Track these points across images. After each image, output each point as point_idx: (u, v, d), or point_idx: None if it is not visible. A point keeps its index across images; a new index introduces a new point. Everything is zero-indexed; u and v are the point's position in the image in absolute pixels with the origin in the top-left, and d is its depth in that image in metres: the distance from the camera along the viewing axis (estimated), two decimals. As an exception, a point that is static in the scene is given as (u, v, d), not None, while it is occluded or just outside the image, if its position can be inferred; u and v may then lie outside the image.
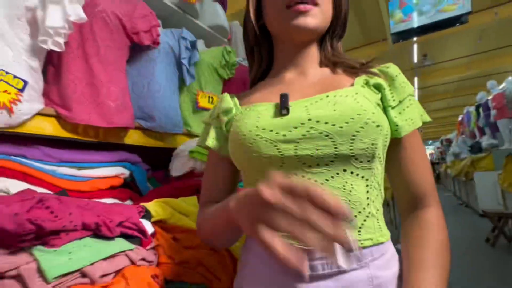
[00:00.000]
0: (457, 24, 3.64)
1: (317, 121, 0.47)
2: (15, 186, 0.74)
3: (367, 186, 0.48)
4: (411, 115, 0.51)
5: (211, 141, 0.60)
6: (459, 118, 8.26)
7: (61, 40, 0.78)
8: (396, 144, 0.52)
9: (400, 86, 0.52)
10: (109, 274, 0.39)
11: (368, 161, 0.48)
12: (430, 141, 26.76)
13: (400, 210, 0.53)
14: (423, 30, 3.75)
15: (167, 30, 1.22)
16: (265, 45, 0.63)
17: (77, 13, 0.78)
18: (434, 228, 0.47)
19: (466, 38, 6.85)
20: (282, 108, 0.49)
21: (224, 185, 0.61)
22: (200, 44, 1.45)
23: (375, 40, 6.59)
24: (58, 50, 0.78)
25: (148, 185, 1.12)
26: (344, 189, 0.46)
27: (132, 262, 0.44)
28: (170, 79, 1.19)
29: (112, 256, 0.41)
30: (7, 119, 0.72)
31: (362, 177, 0.48)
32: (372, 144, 0.46)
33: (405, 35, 3.87)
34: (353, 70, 0.54)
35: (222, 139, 0.60)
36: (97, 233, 0.43)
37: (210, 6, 1.53)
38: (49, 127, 0.84)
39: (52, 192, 0.78)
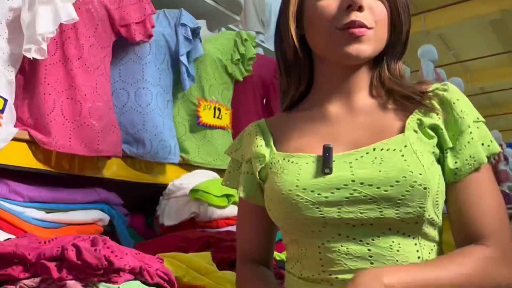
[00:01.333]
0: None
1: (361, 183, 0.77)
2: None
3: (416, 245, 0.78)
4: (472, 152, 0.81)
5: (242, 191, 0.97)
6: None
7: (45, 47, 1.19)
8: (455, 187, 0.82)
9: (459, 116, 0.82)
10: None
11: (416, 222, 0.77)
12: None
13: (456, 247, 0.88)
14: None
15: (159, 12, 1.64)
16: (306, 63, 1.01)
17: (69, 13, 1.20)
18: (473, 257, 0.76)
19: None
20: (325, 166, 0.82)
21: (260, 238, 0.99)
22: (202, 27, 1.87)
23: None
24: (40, 58, 1.20)
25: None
26: (391, 248, 0.76)
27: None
28: (163, 84, 1.60)
29: (157, 299, 0.79)
30: (-16, 147, 1.13)
31: (411, 236, 0.77)
32: (420, 207, 0.75)
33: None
34: (407, 104, 0.89)
35: (255, 187, 0.95)
36: (138, 277, 0.81)
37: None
38: (20, 156, 1.24)
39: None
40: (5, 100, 1.16)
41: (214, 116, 1.75)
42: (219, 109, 1.78)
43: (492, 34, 8.94)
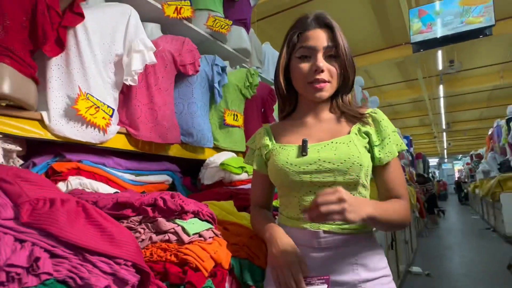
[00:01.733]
0: (480, 36, 4.08)
1: (324, 161, 0.84)
2: (100, 187, 1.17)
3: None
4: (390, 149, 0.88)
5: (256, 165, 1.03)
6: (489, 132, 8.66)
7: (137, 78, 1.21)
8: (381, 168, 0.91)
9: (383, 129, 0.89)
10: (210, 237, 0.81)
11: (355, 185, 0.85)
12: (460, 156, 27.12)
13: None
14: (444, 41, 4.20)
15: (202, 56, 1.65)
16: (293, 95, 1.05)
17: (151, 58, 1.22)
18: (400, 204, 0.85)
19: (499, 44, 7.32)
20: (303, 151, 0.89)
21: (265, 193, 1.06)
22: (227, 65, 1.88)
23: (398, 43, 7.06)
24: (133, 84, 1.22)
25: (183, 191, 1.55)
26: None
27: (215, 234, 0.86)
28: (204, 100, 1.62)
29: (207, 229, 0.83)
30: (101, 138, 1.15)
31: (351, 192, 0.85)
32: (357, 176, 0.84)
33: (426, 45, 4.32)
34: (352, 119, 0.95)
35: (262, 163, 1.01)
36: (196, 216, 0.85)
37: (236, 31, 1.98)
38: (120, 143, 1.27)
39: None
40: (113, 109, 1.18)
41: (233, 120, 1.78)
42: (236, 115, 1.80)
43: (396, 70, 8.96)
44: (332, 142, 0.89)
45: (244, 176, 1.54)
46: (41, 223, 0.48)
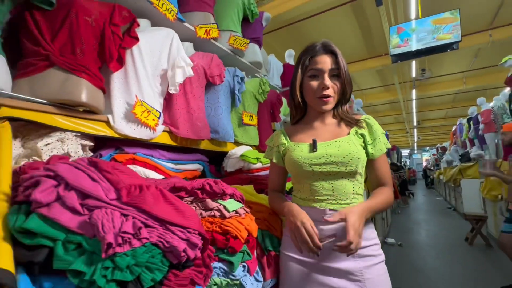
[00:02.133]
0: (449, 50, 4.09)
1: (330, 156, 0.93)
2: (150, 173, 1.24)
3: (352, 184, 0.97)
4: (380, 147, 0.98)
5: (275, 159, 1.10)
6: (453, 129, 8.69)
7: (178, 87, 1.27)
8: (372, 162, 1.00)
9: (374, 131, 0.99)
10: (243, 214, 0.89)
11: (354, 174, 0.94)
12: (428, 148, 27.16)
13: (370, 189, 1.03)
14: (418, 53, 4.21)
15: (225, 69, 1.70)
16: (304, 106, 1.11)
17: (190, 72, 1.27)
18: (386, 192, 0.96)
19: (463, 55, 7.29)
20: (314, 148, 0.97)
21: (280, 180, 1.13)
22: (244, 75, 1.93)
23: (379, 54, 7.04)
24: (175, 93, 1.28)
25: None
26: (341, 185, 0.95)
27: (246, 211, 0.94)
28: (227, 104, 1.68)
29: (241, 207, 0.91)
30: (151, 135, 1.22)
31: (350, 180, 0.95)
32: (356, 167, 0.93)
33: (403, 57, 4.33)
34: (350, 124, 1.02)
35: (280, 158, 1.09)
36: (232, 198, 0.92)
37: (251, 47, 2.02)
38: (164, 139, 1.34)
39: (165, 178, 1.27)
40: (160, 113, 1.24)
41: (249, 120, 1.83)
42: (252, 116, 1.86)
43: (377, 76, 8.94)
44: (336, 141, 0.95)
45: (259, 165, 1.61)
46: (137, 202, 0.55)
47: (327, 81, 0.96)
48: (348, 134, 0.98)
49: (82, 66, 0.96)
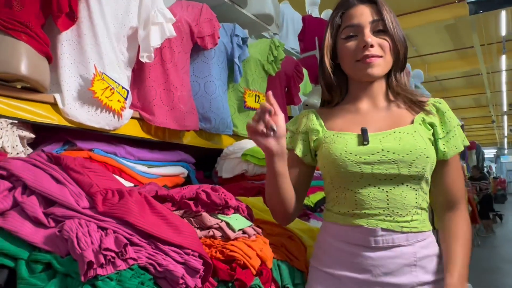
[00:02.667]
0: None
1: (388, 151, 0.97)
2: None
3: (416, 194, 1.04)
4: (455, 143, 1.02)
5: (299, 151, 1.16)
6: None
7: (152, 54, 1.35)
8: (442, 164, 1.04)
9: (448, 120, 1.03)
10: (254, 234, 0.97)
11: (419, 178, 0.98)
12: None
13: (437, 210, 1.10)
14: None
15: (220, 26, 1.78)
16: (342, 79, 1.18)
17: (171, 31, 1.36)
18: (464, 226, 1.04)
19: None
20: (364, 139, 1.01)
21: (301, 184, 1.17)
22: (247, 35, 2.01)
23: (449, 1, 7.09)
24: (149, 61, 1.36)
25: (197, 186, 1.71)
26: (401, 195, 0.99)
27: (256, 232, 1.02)
28: (222, 78, 1.76)
29: (249, 226, 0.99)
30: (116, 123, 1.30)
31: (414, 188, 1.01)
32: (423, 169, 0.97)
33: (487, 5, 4.38)
34: (413, 106, 1.07)
35: (307, 150, 1.14)
36: (236, 212, 1.00)
37: (257, -8, 2.10)
38: (132, 129, 1.42)
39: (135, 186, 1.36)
40: (128, 91, 1.33)
41: (255, 101, 1.92)
42: (258, 96, 1.94)
43: (446, 35, 8.98)
44: (394, 132, 1.03)
45: (270, 169, 1.69)
46: (117, 213, 0.63)
47: (369, 36, 1.02)
48: (412, 122, 1.04)
49: (20, 24, 1.03)
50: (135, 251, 0.61)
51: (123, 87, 1.30)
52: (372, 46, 1.02)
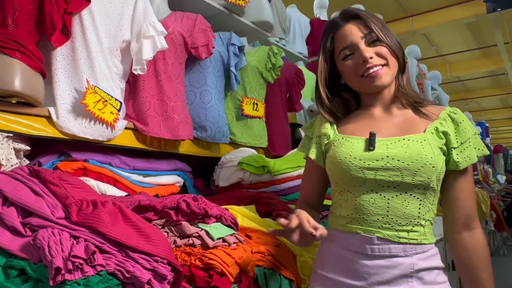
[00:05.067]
0: None
1: (392, 158, 0.98)
2: (107, 189, 1.41)
3: (420, 204, 1.05)
4: (469, 154, 1.01)
5: (312, 154, 1.16)
6: None
7: (145, 66, 1.44)
8: (454, 174, 1.03)
9: (463, 131, 1.02)
10: (234, 243, 1.04)
11: (424, 188, 0.98)
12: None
13: (449, 227, 1.10)
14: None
15: (216, 34, 1.86)
16: (353, 93, 1.16)
17: (162, 43, 1.44)
18: (482, 250, 1.03)
19: None
20: (370, 145, 1.03)
21: (317, 189, 1.20)
22: (243, 41, 2.08)
23: (468, -2, 7.04)
24: (142, 74, 1.44)
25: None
26: (402, 204, 0.99)
27: (239, 240, 1.08)
28: (218, 87, 1.84)
29: (231, 234, 1.05)
30: (109, 134, 1.39)
31: (417, 198, 0.99)
32: (428, 179, 0.97)
33: (504, 3, 4.34)
34: (428, 116, 1.08)
35: (319, 153, 1.15)
36: (219, 221, 1.07)
37: (254, 0, 2.16)
38: (127, 139, 1.50)
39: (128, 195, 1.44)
40: (121, 103, 1.41)
41: (253, 109, 1.98)
42: (256, 104, 2.00)
43: (467, 33, 8.87)
44: (404, 139, 1.05)
45: (266, 177, 1.75)
46: (90, 222, 0.70)
47: (366, 51, 1.05)
48: (424, 131, 1.05)
49: (15, 43, 1.13)
50: (104, 258, 0.68)
51: (116, 99, 1.39)
52: (371, 58, 1.05)
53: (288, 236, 0.94)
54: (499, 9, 4.50)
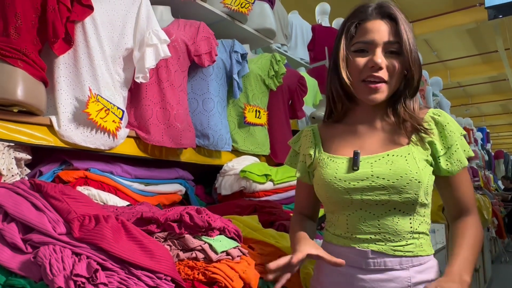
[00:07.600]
0: None
1: (377, 177, 0.97)
2: (109, 198, 1.39)
3: (410, 220, 1.04)
4: (459, 157, 1.01)
5: (298, 173, 1.18)
6: None
7: (148, 74, 1.42)
8: (449, 179, 1.03)
9: (449, 134, 1.01)
10: (238, 256, 1.02)
11: (413, 204, 0.98)
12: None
13: (449, 217, 1.12)
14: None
15: (218, 42, 1.85)
16: (348, 97, 1.11)
17: (165, 51, 1.43)
18: (472, 228, 1.02)
19: None
20: (354, 165, 1.01)
21: (309, 202, 1.22)
22: (246, 48, 2.07)
23: (470, 5, 7.04)
24: (144, 82, 1.43)
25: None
26: (393, 221, 0.99)
27: (242, 253, 1.07)
28: (221, 94, 1.83)
29: (234, 247, 1.04)
30: (111, 143, 1.37)
31: (407, 213, 0.99)
32: (415, 194, 0.96)
33: (506, 9, 4.34)
34: (413, 127, 1.04)
35: (305, 172, 1.16)
36: (222, 233, 1.05)
37: (257, 7, 2.16)
38: (129, 148, 1.49)
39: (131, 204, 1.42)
40: (123, 111, 1.40)
41: (255, 117, 1.97)
42: (259, 112, 1.99)
43: (468, 39, 8.89)
44: (388, 155, 1.03)
45: (269, 185, 1.74)
46: (92, 239, 0.68)
47: (379, 57, 0.99)
48: (408, 143, 1.03)
49: (17, 51, 1.12)
50: (107, 275, 0.66)
51: (118, 108, 1.37)
52: (380, 68, 0.99)
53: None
54: (501, 16, 4.49)
